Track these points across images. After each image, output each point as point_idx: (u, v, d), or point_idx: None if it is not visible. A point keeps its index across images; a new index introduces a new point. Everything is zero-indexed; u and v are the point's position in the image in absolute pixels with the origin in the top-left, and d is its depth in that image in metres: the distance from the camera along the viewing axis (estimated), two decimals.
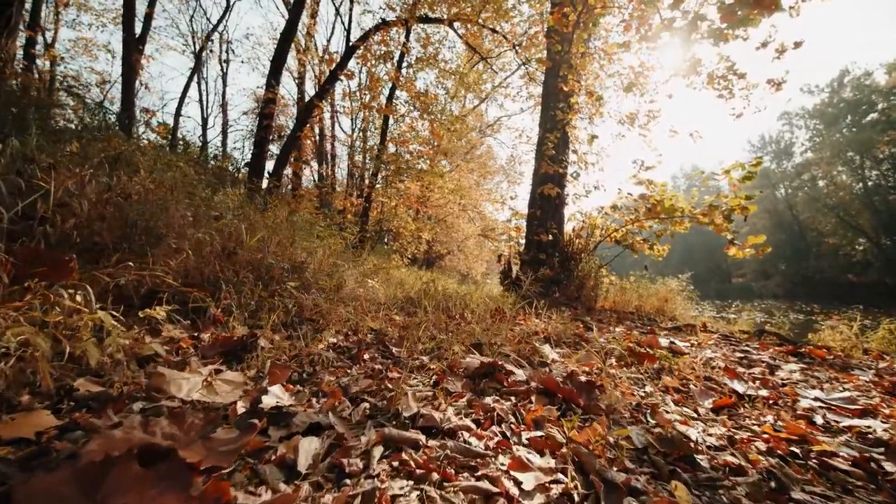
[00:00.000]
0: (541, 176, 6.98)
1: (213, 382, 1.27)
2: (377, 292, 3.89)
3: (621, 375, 1.80)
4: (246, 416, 1.12)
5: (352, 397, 1.37)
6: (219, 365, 1.49)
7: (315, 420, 1.12)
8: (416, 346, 1.98)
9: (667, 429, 1.25)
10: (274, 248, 2.53)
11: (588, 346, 2.13)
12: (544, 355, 1.93)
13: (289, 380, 1.48)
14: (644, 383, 1.76)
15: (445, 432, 1.15)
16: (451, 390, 1.49)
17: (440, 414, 1.23)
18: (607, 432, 1.19)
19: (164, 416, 0.97)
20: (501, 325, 2.35)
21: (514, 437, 1.17)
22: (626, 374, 1.82)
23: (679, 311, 5.93)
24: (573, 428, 1.20)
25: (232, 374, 1.38)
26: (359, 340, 1.97)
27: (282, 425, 1.09)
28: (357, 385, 1.44)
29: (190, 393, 1.19)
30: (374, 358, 1.83)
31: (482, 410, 1.34)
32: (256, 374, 1.47)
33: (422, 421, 1.18)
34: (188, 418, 0.96)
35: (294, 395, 1.34)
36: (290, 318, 2.06)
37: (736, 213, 5.62)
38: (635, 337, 2.50)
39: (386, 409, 1.27)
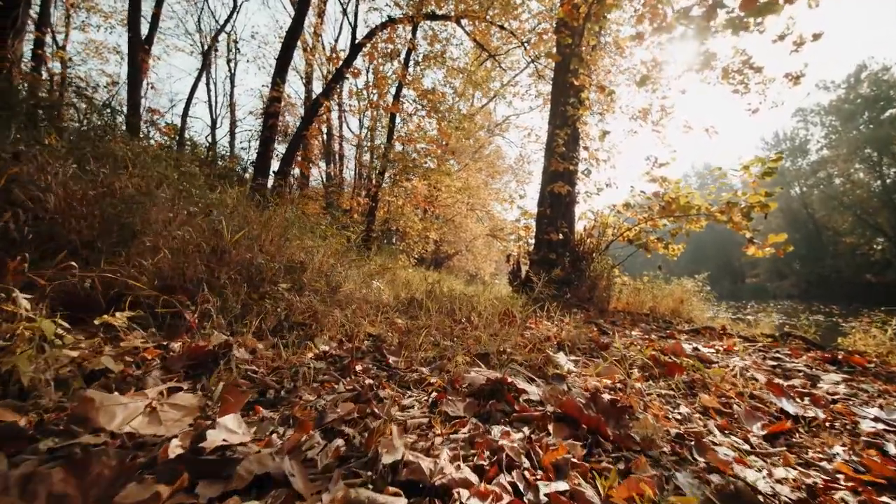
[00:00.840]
0: (550, 173, 6.79)
1: (158, 408, 1.06)
2: (382, 293, 3.76)
3: (650, 391, 1.60)
4: (175, 462, 0.87)
5: (326, 428, 1.15)
6: (181, 381, 1.33)
7: (267, 468, 0.87)
8: (416, 355, 1.82)
9: (725, 474, 1.03)
10: (269, 247, 2.40)
11: (606, 353, 1.96)
12: (559, 366, 1.75)
13: (259, 401, 1.31)
14: (677, 401, 1.55)
15: (436, 490, 0.89)
16: (450, 414, 1.30)
17: (430, 462, 0.95)
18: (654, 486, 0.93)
19: (64, 463, 0.75)
20: (511, 330, 2.18)
21: (530, 492, 0.92)
22: (654, 390, 1.62)
23: (695, 312, 5.71)
24: (610, 486, 0.94)
25: (184, 397, 1.16)
26: (353, 348, 1.83)
27: (221, 476, 0.84)
28: (335, 411, 1.22)
29: (123, 424, 0.98)
30: (368, 369, 1.67)
31: (486, 449, 1.08)
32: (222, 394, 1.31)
33: (406, 472, 0.91)
34: (95, 467, 0.74)
35: (256, 424, 1.13)
36: (280, 322, 1.92)
37: (756, 211, 5.39)
38: (657, 343, 2.32)
39: (365, 448, 1.03)
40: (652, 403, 1.48)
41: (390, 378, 1.63)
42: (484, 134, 20.43)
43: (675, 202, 5.93)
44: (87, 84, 13.11)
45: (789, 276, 46.23)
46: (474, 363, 1.73)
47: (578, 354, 2.07)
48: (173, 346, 1.53)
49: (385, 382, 1.53)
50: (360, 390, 1.41)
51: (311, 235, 3.38)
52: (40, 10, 9.76)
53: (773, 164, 5.38)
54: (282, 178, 7.43)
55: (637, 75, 8.66)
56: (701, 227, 6.25)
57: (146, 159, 2.92)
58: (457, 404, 1.35)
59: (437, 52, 11.10)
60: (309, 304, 2.07)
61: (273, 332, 1.84)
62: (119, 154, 2.60)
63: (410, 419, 1.24)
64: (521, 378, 1.58)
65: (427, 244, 11.31)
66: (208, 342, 1.49)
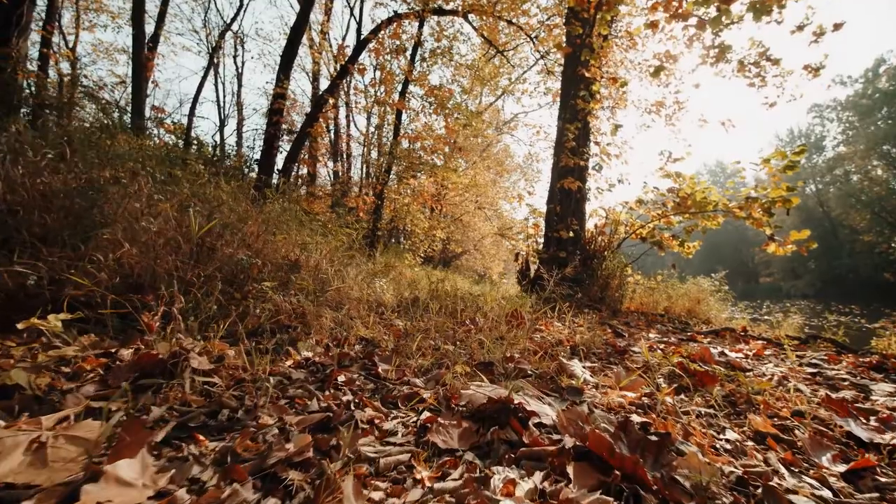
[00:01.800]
0: (560, 169, 6.58)
1: (50, 443, 0.80)
2: (384, 293, 3.59)
3: (684, 408, 1.35)
4: None
5: (266, 473, 0.87)
6: (118, 398, 1.11)
7: None
8: (411, 363, 1.64)
9: None
10: (258, 243, 2.25)
11: (626, 359, 1.77)
12: (574, 375, 1.55)
13: (206, 426, 1.08)
14: (719, 421, 1.28)
15: None
16: (440, 446, 1.04)
17: None
18: None
19: None
20: (518, 333, 2.00)
21: None
22: (690, 407, 1.37)
23: (713, 313, 5.47)
24: None
25: (89, 426, 0.89)
26: (341, 354, 1.65)
27: None
28: (284, 447, 0.92)
29: None
30: (352, 380, 1.47)
31: None
32: (162, 415, 1.06)
33: None
34: None
35: (177, 465, 0.85)
36: (262, 325, 1.76)
37: (777, 207, 5.13)
38: (680, 347, 2.12)
39: None
40: (692, 427, 1.21)
41: (376, 392, 1.43)
42: (492, 132, 20.22)
43: (692, 198, 5.69)
44: (95, 84, 13.16)
45: (804, 276, 45.32)
46: (476, 374, 1.53)
47: (594, 360, 1.88)
48: (123, 353, 1.33)
49: (367, 399, 1.31)
50: (334, 410, 1.18)
51: (309, 232, 3.22)
52: (47, 9, 9.75)
53: (796, 157, 5.12)
54: (285, 176, 7.31)
55: (650, 69, 8.40)
56: (718, 224, 6.00)
57: (132, 152, 2.78)
58: (450, 431, 1.09)
59: (444, 48, 10.93)
60: (297, 305, 1.91)
61: (252, 335, 1.68)
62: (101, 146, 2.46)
63: (385, 457, 0.98)
64: (531, 396, 1.32)
65: (433, 242, 11.13)
66: (157, 350, 1.28)
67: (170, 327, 1.42)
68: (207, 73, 12.74)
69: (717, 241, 59.40)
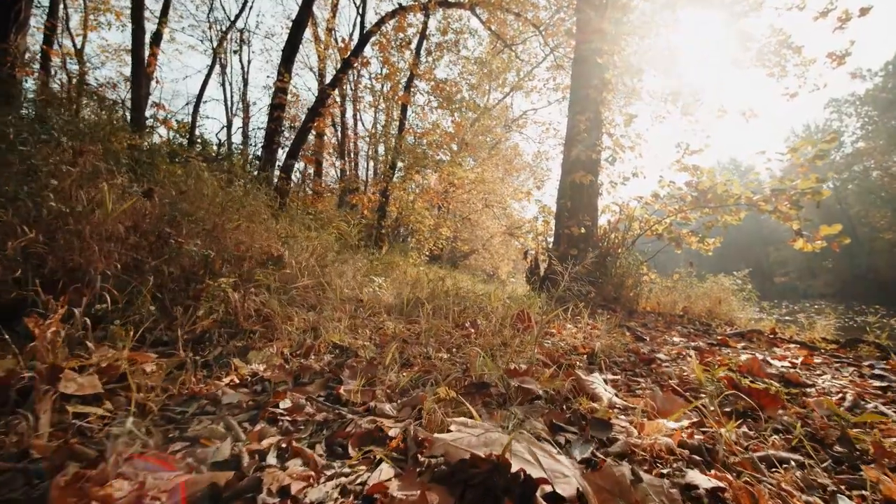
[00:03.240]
0: (571, 162, 6.26)
1: None
2: (383, 292, 3.34)
3: (756, 447, 0.99)
4: None
5: None
6: None
7: None
8: (386, 378, 1.34)
9: None
10: (234, 234, 2.00)
11: (654, 370, 1.48)
12: (597, 397, 1.21)
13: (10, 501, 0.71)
14: (819, 477, 0.89)
15: None
16: None
17: None
18: None
19: None
20: (526, 338, 1.72)
21: None
22: (769, 451, 0.99)
23: (735, 313, 5.12)
24: None
25: None
26: (301, 368, 1.37)
27: None
28: None
29: None
30: (299, 407, 1.13)
31: None
32: None
33: None
34: None
35: None
36: (212, 330, 1.50)
37: (807, 199, 4.78)
38: (713, 352, 1.82)
39: None
40: (783, 491, 0.81)
41: (325, 427, 1.07)
42: (501, 130, 19.92)
43: (712, 191, 5.34)
44: (104, 84, 13.13)
45: (821, 275, 44.23)
46: (468, 396, 1.18)
47: (616, 371, 1.59)
48: None
49: (298, 446, 0.93)
50: (242, 465, 0.83)
51: (300, 226, 2.98)
52: (49, 5, 9.67)
53: (826, 147, 4.77)
54: (286, 172, 7.10)
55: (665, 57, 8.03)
56: (739, 219, 5.66)
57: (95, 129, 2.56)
58: None
59: (450, 42, 10.66)
60: (262, 306, 1.64)
61: (197, 342, 1.41)
62: None
63: None
64: (539, 439, 0.92)
65: (439, 240, 10.86)
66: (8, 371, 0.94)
67: (102, 332, 1.15)
68: (211, 70, 12.62)
69: (729, 240, 58.27)
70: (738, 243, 58.37)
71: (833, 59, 8.54)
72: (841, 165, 43.46)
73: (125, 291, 1.42)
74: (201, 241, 1.72)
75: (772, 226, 52.67)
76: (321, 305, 1.92)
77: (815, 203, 4.79)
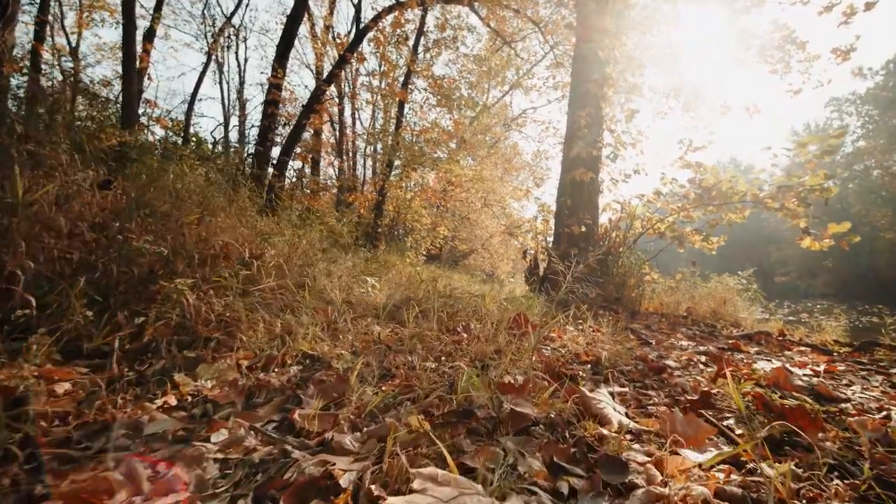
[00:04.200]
0: (571, 160, 6.10)
1: None
2: (375, 294, 3.19)
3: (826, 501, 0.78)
4: None
5: None
6: None
7: None
8: (352, 398, 1.13)
9: None
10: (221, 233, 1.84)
11: (666, 381, 1.32)
12: (606, 419, 1.02)
13: None
14: None
15: None
16: None
17: None
18: None
19: None
20: (523, 344, 1.56)
21: None
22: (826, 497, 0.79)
23: (740, 314, 4.97)
24: None
25: None
26: (258, 384, 1.17)
27: None
28: None
29: None
30: (236, 440, 0.91)
31: None
32: None
33: None
34: None
35: None
36: (159, 339, 1.33)
37: (815, 196, 4.63)
38: (726, 358, 1.66)
39: None
40: None
41: (259, 471, 0.84)
42: (500, 128, 19.77)
43: (716, 188, 5.19)
44: (92, 80, 13.00)
45: (821, 275, 44.05)
46: (447, 427, 0.96)
47: (623, 382, 1.43)
48: None
49: None
50: None
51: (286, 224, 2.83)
52: (40, 1, 9.50)
53: (836, 142, 4.61)
54: (280, 169, 6.95)
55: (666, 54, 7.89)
56: (744, 217, 5.51)
57: None
58: None
59: (448, 38, 10.51)
60: (226, 309, 1.47)
61: (141, 353, 1.25)
62: None
63: None
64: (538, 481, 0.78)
65: (436, 239, 10.69)
66: None
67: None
68: (206, 68, 12.45)
69: (730, 240, 58.08)
70: (740, 243, 58.27)
71: (838, 54, 8.38)
72: (841, 164, 43.32)
73: (56, 293, 1.25)
74: (171, 239, 1.56)
75: (772, 225, 52.50)
76: (300, 308, 1.76)
77: (824, 200, 4.64)
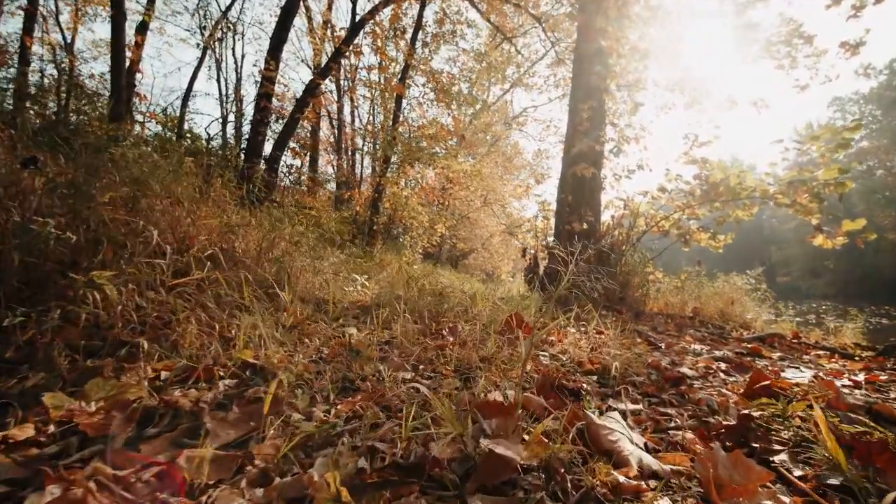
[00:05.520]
0: (573, 155, 5.88)
1: None
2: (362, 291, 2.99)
3: None
4: None
5: None
6: None
7: None
8: (270, 433, 0.84)
9: None
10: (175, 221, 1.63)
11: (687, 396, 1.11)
12: (621, 459, 0.75)
13: None
14: None
15: None
16: None
17: None
18: None
19: None
20: (517, 349, 1.33)
21: None
22: None
23: (749, 315, 4.76)
24: None
25: None
26: (164, 404, 0.92)
27: None
28: None
29: None
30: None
31: None
32: None
33: None
34: None
35: None
36: (53, 345, 1.09)
37: (829, 192, 4.42)
38: (750, 366, 1.45)
39: None
40: None
41: None
42: (501, 127, 19.58)
43: (724, 184, 4.97)
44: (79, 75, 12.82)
45: (823, 275, 43.77)
46: (384, 490, 0.66)
47: (635, 395, 1.21)
48: None
49: None
50: None
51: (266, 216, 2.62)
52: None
53: (850, 134, 4.39)
54: (272, 164, 6.75)
55: None
56: (751, 214, 5.30)
57: None
58: None
59: (447, 32, 10.30)
60: (160, 307, 1.24)
61: (25, 362, 1.02)
62: None
63: None
64: None
65: (433, 237, 10.47)
66: None
67: None
68: (201, 63, 12.23)
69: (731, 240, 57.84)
70: (740, 243, 58.01)
71: (847, 48, 8.15)
72: (843, 164, 43.10)
73: None
74: (97, 225, 1.36)
75: (773, 226, 52.22)
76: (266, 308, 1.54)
77: (838, 196, 4.43)
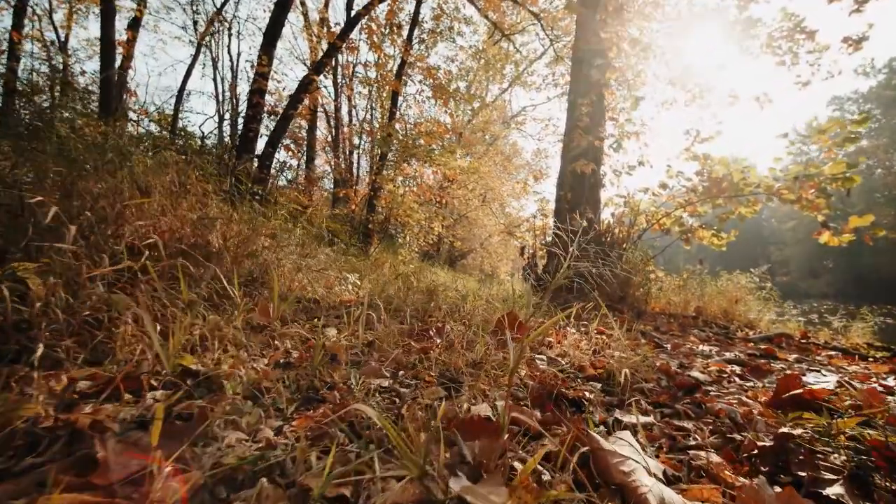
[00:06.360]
0: (572, 151, 5.74)
1: None
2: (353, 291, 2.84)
3: None
4: None
5: None
6: None
7: None
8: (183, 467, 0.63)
9: None
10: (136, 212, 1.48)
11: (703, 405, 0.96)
12: (641, 501, 0.55)
13: None
14: None
15: None
16: None
17: None
18: None
19: None
20: (509, 356, 1.18)
21: None
22: None
23: (753, 314, 4.62)
24: None
25: None
26: (58, 426, 0.71)
27: None
28: None
29: None
30: None
31: None
32: None
33: None
34: None
35: None
36: None
37: (835, 187, 4.28)
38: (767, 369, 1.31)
39: None
40: None
41: None
42: (499, 126, 19.47)
43: (727, 179, 4.83)
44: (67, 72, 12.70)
45: (822, 275, 43.76)
46: None
47: (645, 404, 1.06)
48: None
49: None
50: None
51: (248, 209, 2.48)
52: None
53: (858, 127, 4.26)
54: (265, 161, 6.60)
55: None
56: (755, 211, 5.17)
57: None
58: None
59: (445, 29, 10.16)
60: (99, 304, 1.08)
61: None
62: None
63: None
64: None
65: (430, 235, 10.32)
66: None
67: None
68: (195, 61, 12.06)
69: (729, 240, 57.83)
70: (740, 243, 57.96)
71: (849, 43, 8.03)
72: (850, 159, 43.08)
73: None
74: None
75: (773, 226, 52.15)
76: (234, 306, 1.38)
77: (846, 191, 4.29)
